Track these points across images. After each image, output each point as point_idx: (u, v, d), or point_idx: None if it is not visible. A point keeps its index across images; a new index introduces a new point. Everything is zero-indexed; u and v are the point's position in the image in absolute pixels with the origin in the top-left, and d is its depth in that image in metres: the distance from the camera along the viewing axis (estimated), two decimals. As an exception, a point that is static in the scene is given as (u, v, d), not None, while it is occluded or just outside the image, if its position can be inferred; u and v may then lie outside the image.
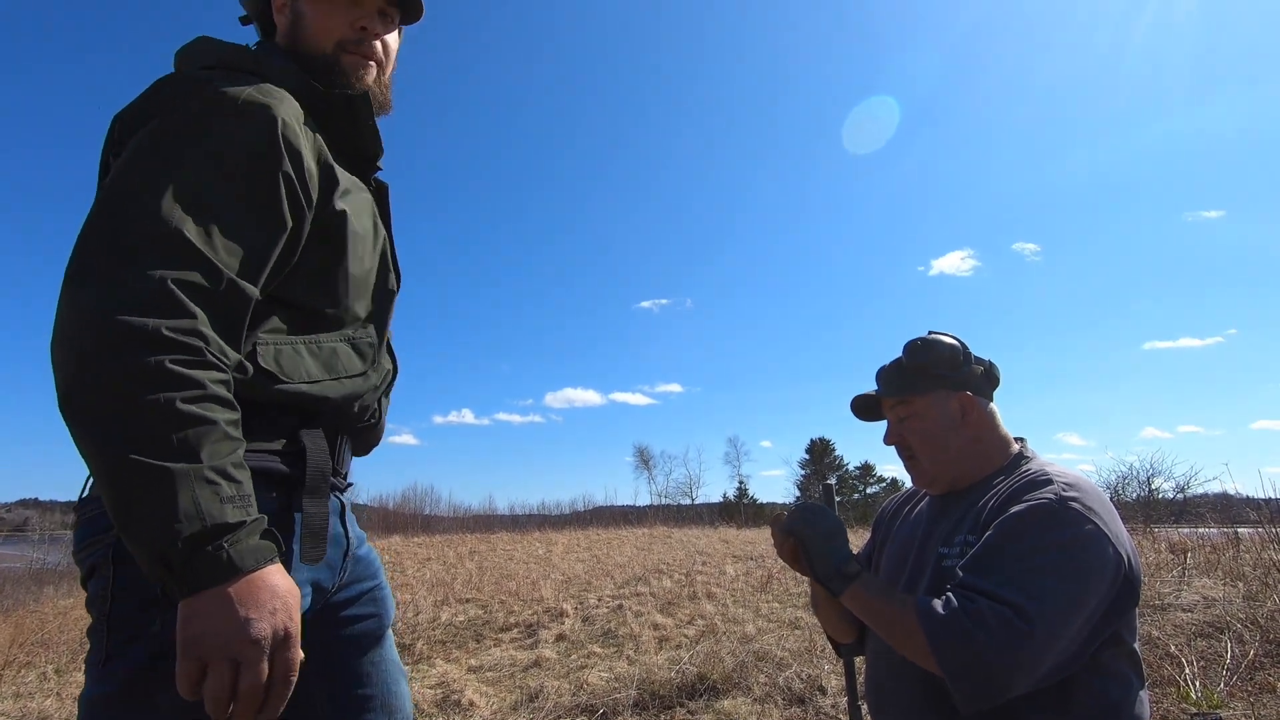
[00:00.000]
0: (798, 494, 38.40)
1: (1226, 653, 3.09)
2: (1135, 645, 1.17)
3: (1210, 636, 3.37)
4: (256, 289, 0.84)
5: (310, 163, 0.91)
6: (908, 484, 1.50)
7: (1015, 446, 1.35)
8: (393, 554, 12.20)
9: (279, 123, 0.87)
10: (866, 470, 40.44)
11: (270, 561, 0.74)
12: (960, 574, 1.12)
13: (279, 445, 0.90)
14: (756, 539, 12.96)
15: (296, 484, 0.91)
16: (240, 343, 0.83)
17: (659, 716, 3.43)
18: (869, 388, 1.45)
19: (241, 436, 0.77)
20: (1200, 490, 10.10)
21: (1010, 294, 74.76)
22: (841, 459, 40.93)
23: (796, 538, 1.28)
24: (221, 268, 0.79)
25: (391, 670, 1.10)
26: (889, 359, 1.42)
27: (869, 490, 39.46)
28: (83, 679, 0.85)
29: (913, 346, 1.36)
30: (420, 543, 14.35)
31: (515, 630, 5.86)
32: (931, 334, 1.37)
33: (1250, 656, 3.03)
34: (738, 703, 3.44)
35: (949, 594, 1.10)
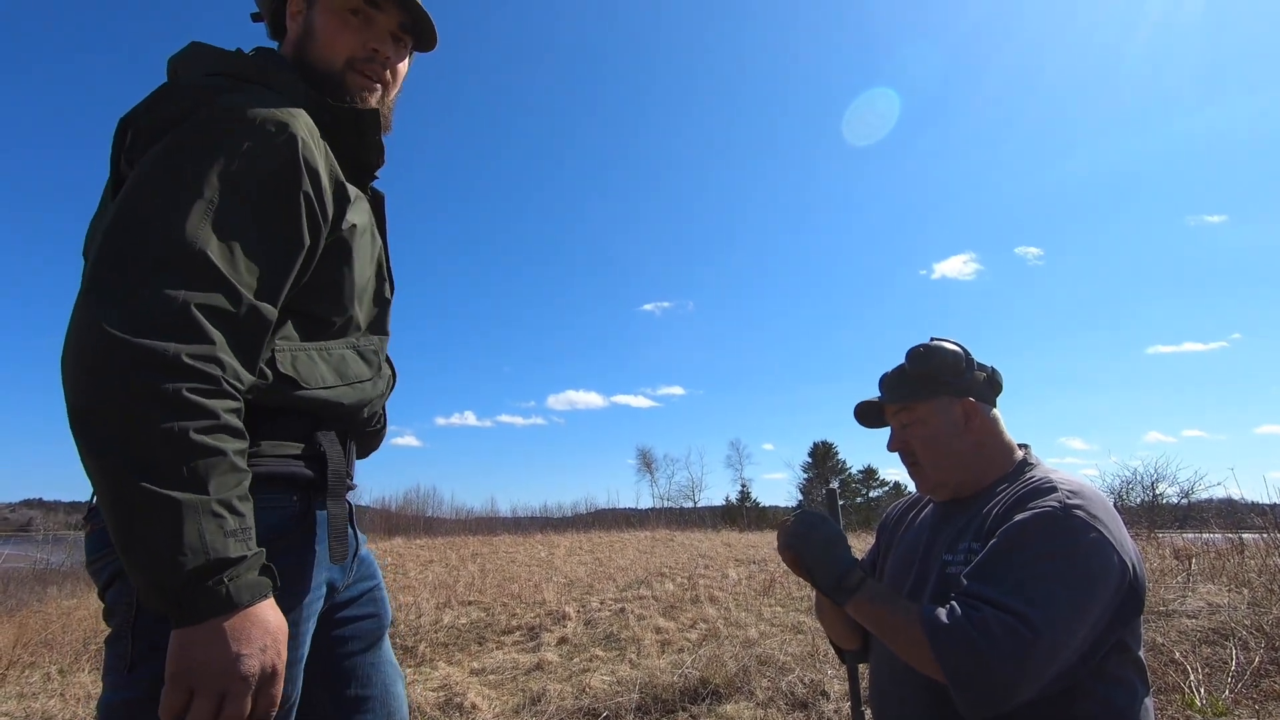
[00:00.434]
0: (800, 497, 38.31)
1: (1232, 659, 3.08)
2: (1140, 652, 1.17)
3: (1215, 643, 3.35)
4: (276, 310, 0.85)
5: (326, 180, 0.92)
6: (911, 489, 1.50)
7: (1019, 453, 1.35)
8: (395, 556, 12.21)
9: (299, 142, 0.87)
10: (870, 474, 40.35)
11: (265, 597, 0.75)
12: (964, 582, 1.12)
13: (298, 449, 0.91)
14: (759, 542, 12.93)
15: (317, 486, 0.93)
16: (256, 365, 0.83)
17: (661, 720, 3.43)
18: (871, 391, 1.45)
19: (247, 467, 0.77)
20: (1205, 495, 10.08)
21: (1013, 298, 74.75)
22: (844, 462, 40.87)
23: (794, 552, 1.28)
24: (243, 290, 0.79)
25: (389, 671, 1.11)
26: (891, 363, 1.42)
27: (872, 494, 39.36)
28: (86, 680, 0.85)
29: (915, 353, 1.36)
30: (422, 545, 14.34)
31: (517, 633, 5.86)
32: (934, 340, 1.37)
33: (1255, 663, 3.02)
34: (740, 707, 3.43)
35: (953, 602, 1.10)
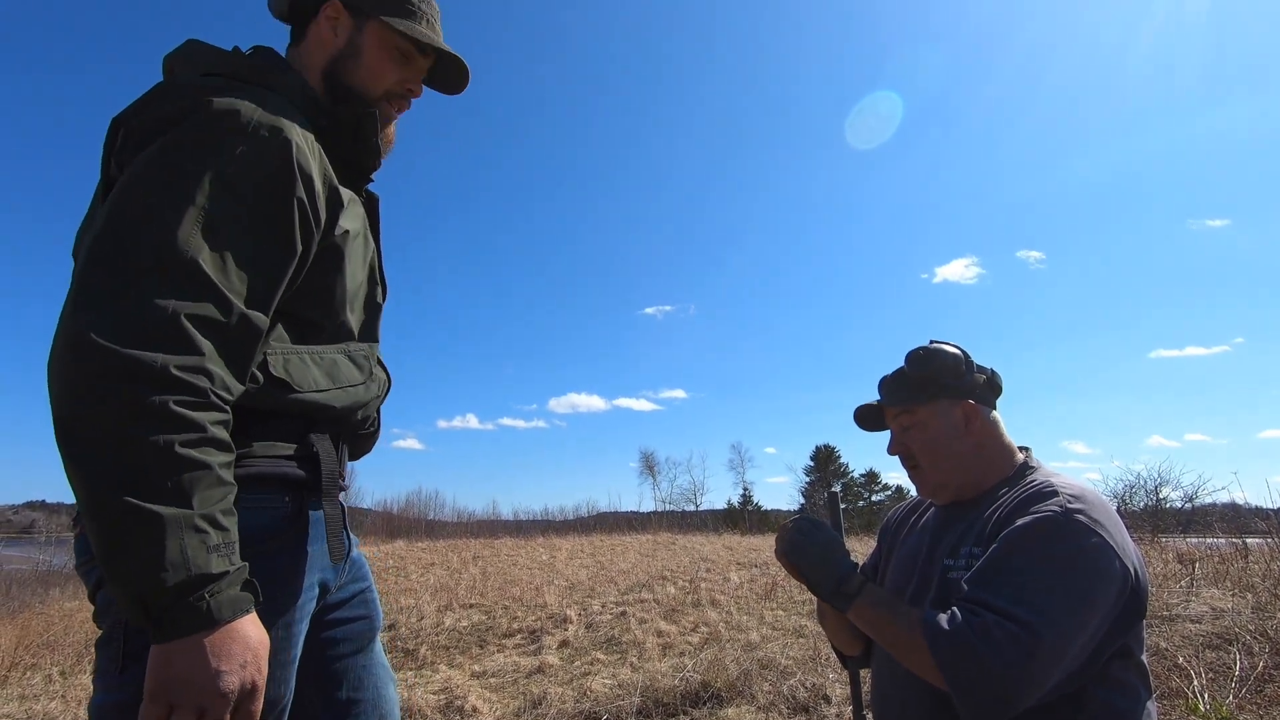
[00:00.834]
0: (802, 501, 38.24)
1: (1235, 664, 3.06)
2: (1143, 657, 1.17)
3: (1219, 648, 3.33)
4: (267, 318, 0.84)
5: (320, 185, 0.91)
6: (913, 492, 1.49)
7: (1020, 456, 1.35)
8: (397, 559, 12.20)
9: (293, 146, 0.86)
10: (872, 478, 40.27)
11: (246, 612, 0.74)
12: (966, 587, 1.12)
13: (291, 450, 0.91)
14: (761, 546, 12.90)
15: (310, 487, 0.92)
16: (247, 375, 0.82)
17: (662, 724, 3.42)
18: (873, 395, 1.45)
19: (233, 480, 0.76)
20: (1209, 500, 10.04)
21: (1015, 302, 74.60)
22: (846, 466, 40.83)
23: (791, 561, 1.27)
24: (234, 299, 0.78)
25: (381, 674, 1.10)
26: (893, 367, 1.42)
27: (874, 498, 39.28)
28: (88, 681, 0.85)
29: (915, 356, 1.36)
30: (424, 548, 14.32)
31: (519, 636, 5.85)
32: (933, 343, 1.37)
33: (1259, 668, 3.00)
34: (742, 711, 3.42)
35: (955, 608, 1.09)
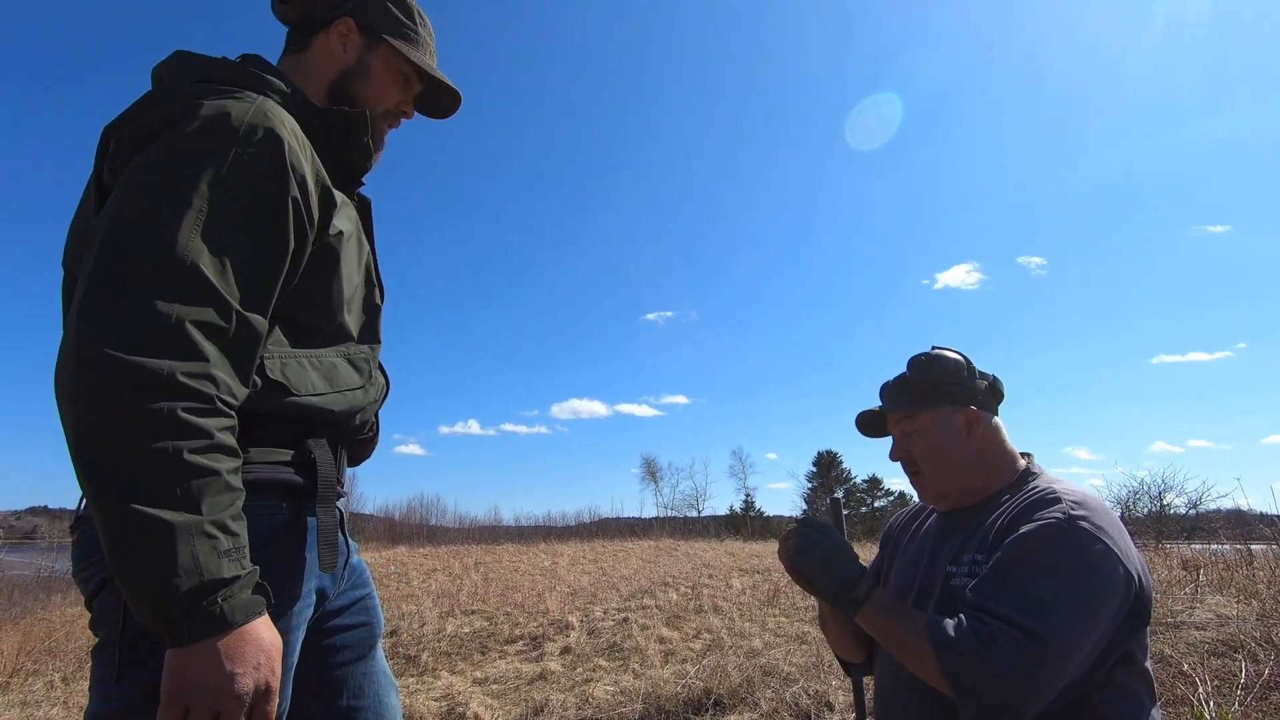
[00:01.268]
0: (805, 507, 38.14)
1: (1241, 672, 3.04)
2: (1147, 664, 1.16)
3: (1224, 655, 3.31)
4: (266, 320, 0.84)
5: (312, 185, 0.91)
6: (916, 498, 1.49)
7: (1022, 462, 1.35)
8: (398, 565, 12.19)
9: (285, 145, 0.86)
10: (874, 484, 40.14)
11: (259, 615, 0.75)
12: (970, 595, 1.11)
13: (288, 456, 0.90)
14: (763, 552, 12.87)
15: (307, 493, 0.92)
16: (249, 378, 0.82)
17: (664, 731, 3.41)
18: (874, 402, 1.45)
19: (241, 485, 0.77)
20: (1213, 506, 10.00)
21: (1017, 307, 74.40)
22: (849, 472, 40.70)
23: (796, 568, 1.26)
24: (234, 303, 0.79)
25: (382, 682, 1.10)
26: (894, 373, 1.42)
27: (877, 504, 39.17)
28: (89, 686, 0.85)
29: (917, 361, 1.36)
30: (426, 553, 14.31)
31: (520, 642, 5.83)
32: (935, 349, 1.37)
33: (1265, 676, 2.98)
34: (744, 718, 3.41)
35: (960, 615, 1.09)
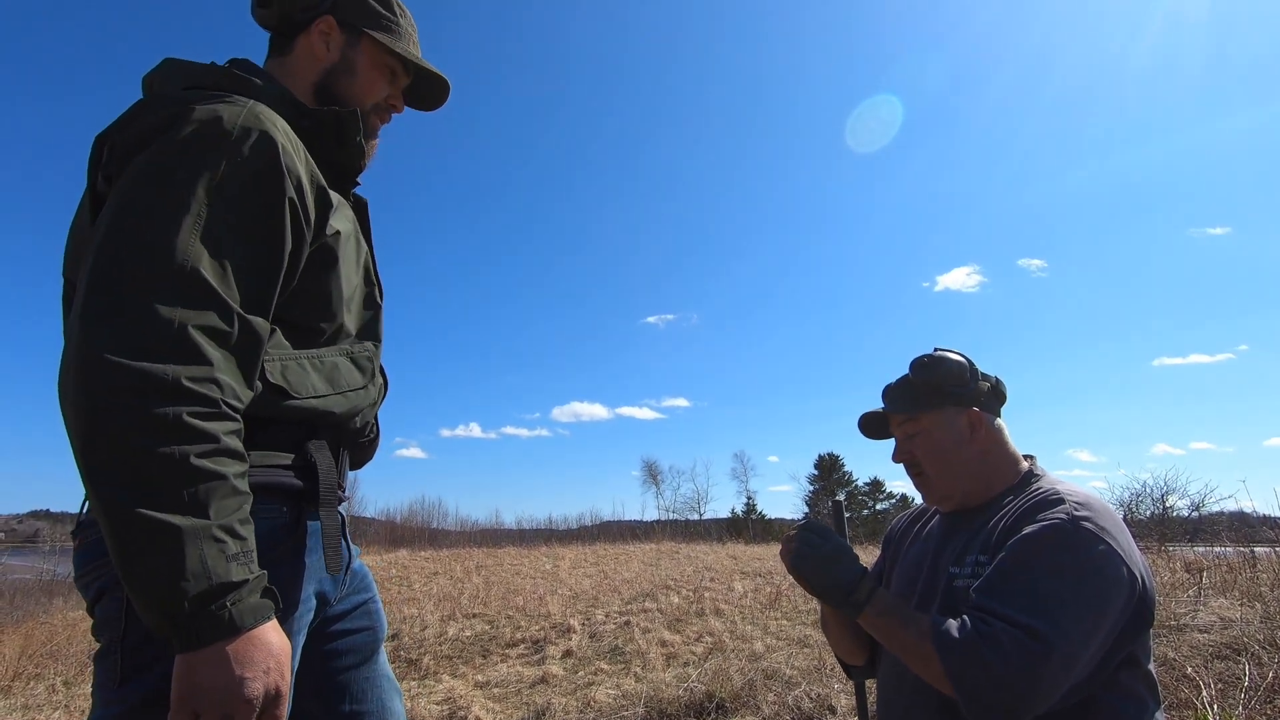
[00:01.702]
0: (807, 509, 38.06)
1: (1245, 675, 3.03)
2: (1150, 666, 1.16)
3: (1227, 658, 3.30)
4: (268, 322, 0.84)
5: (308, 185, 0.91)
6: (918, 500, 1.49)
7: (1024, 464, 1.34)
8: (399, 568, 12.18)
9: (279, 147, 0.86)
10: (876, 486, 40.05)
11: (267, 619, 0.75)
12: (974, 596, 1.11)
13: (288, 459, 0.90)
14: (765, 555, 12.85)
15: (308, 497, 0.92)
16: (254, 380, 0.82)
17: (666, 735, 3.40)
18: (875, 404, 1.45)
19: (248, 489, 0.77)
20: (1216, 508, 9.96)
21: (1017, 310, 74.34)
22: (850, 474, 40.60)
23: (798, 573, 1.25)
24: (235, 307, 0.79)
25: (385, 686, 1.09)
26: (895, 375, 1.42)
27: (879, 506, 39.06)
28: (91, 692, 0.84)
29: (920, 363, 1.36)
30: (427, 557, 14.31)
31: (522, 646, 5.82)
32: (938, 350, 1.37)
33: (1269, 679, 2.97)
34: (746, 722, 3.40)
35: (964, 617, 1.09)
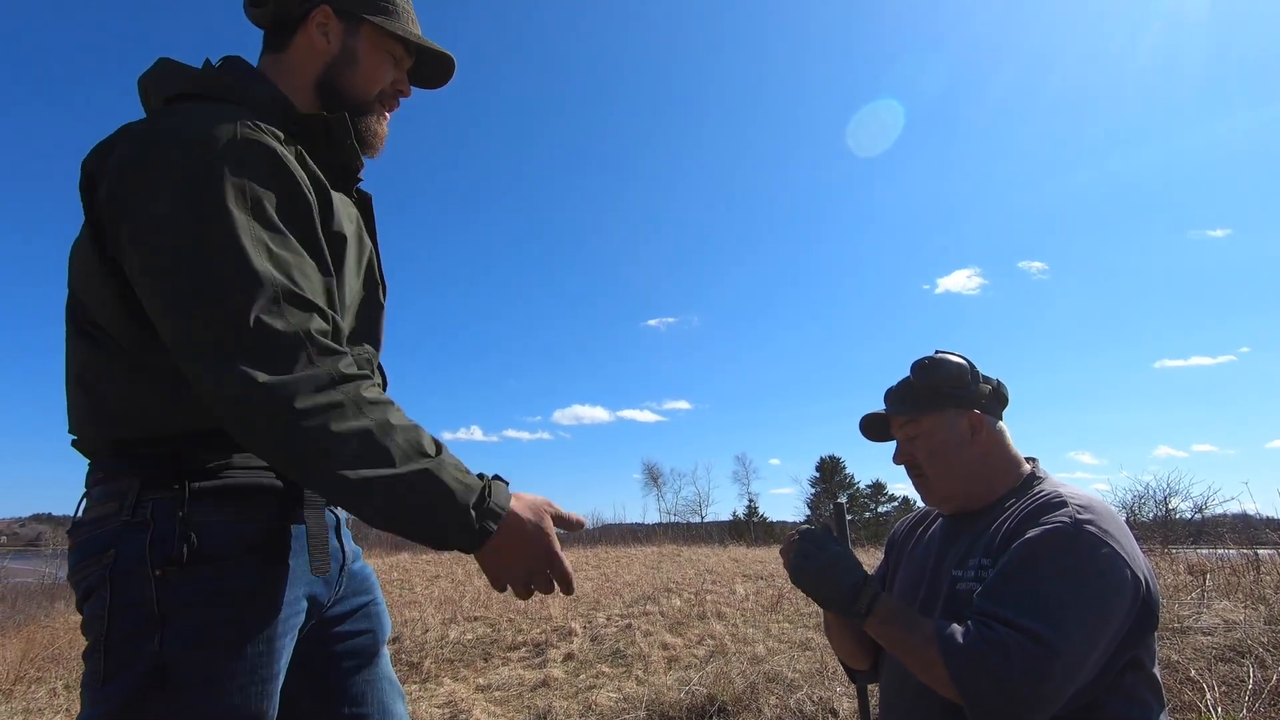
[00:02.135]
0: (808, 512, 38.00)
1: (1249, 677, 3.02)
2: (1154, 669, 1.15)
3: (1231, 661, 3.29)
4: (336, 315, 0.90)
5: (306, 186, 0.91)
6: (920, 503, 1.49)
7: (1026, 466, 1.34)
8: (401, 571, 12.18)
9: (276, 152, 0.87)
10: (878, 489, 40.01)
11: (509, 497, 0.87)
12: (977, 600, 1.11)
13: None
14: (766, 558, 12.82)
15: (294, 498, 0.92)
16: None
17: (668, 738, 3.39)
18: (877, 406, 1.44)
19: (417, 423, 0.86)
20: (1219, 510, 9.93)
21: (1018, 313, 74.34)
22: (852, 477, 40.55)
23: (799, 583, 1.25)
24: (324, 305, 0.85)
25: (387, 689, 1.08)
26: (896, 378, 1.42)
27: (880, 509, 39.01)
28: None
29: (921, 365, 1.36)
30: (429, 560, 14.28)
31: (523, 649, 5.81)
32: (939, 353, 1.37)
33: (1273, 681, 2.96)
34: (748, 725, 3.39)
35: (969, 622, 1.09)
